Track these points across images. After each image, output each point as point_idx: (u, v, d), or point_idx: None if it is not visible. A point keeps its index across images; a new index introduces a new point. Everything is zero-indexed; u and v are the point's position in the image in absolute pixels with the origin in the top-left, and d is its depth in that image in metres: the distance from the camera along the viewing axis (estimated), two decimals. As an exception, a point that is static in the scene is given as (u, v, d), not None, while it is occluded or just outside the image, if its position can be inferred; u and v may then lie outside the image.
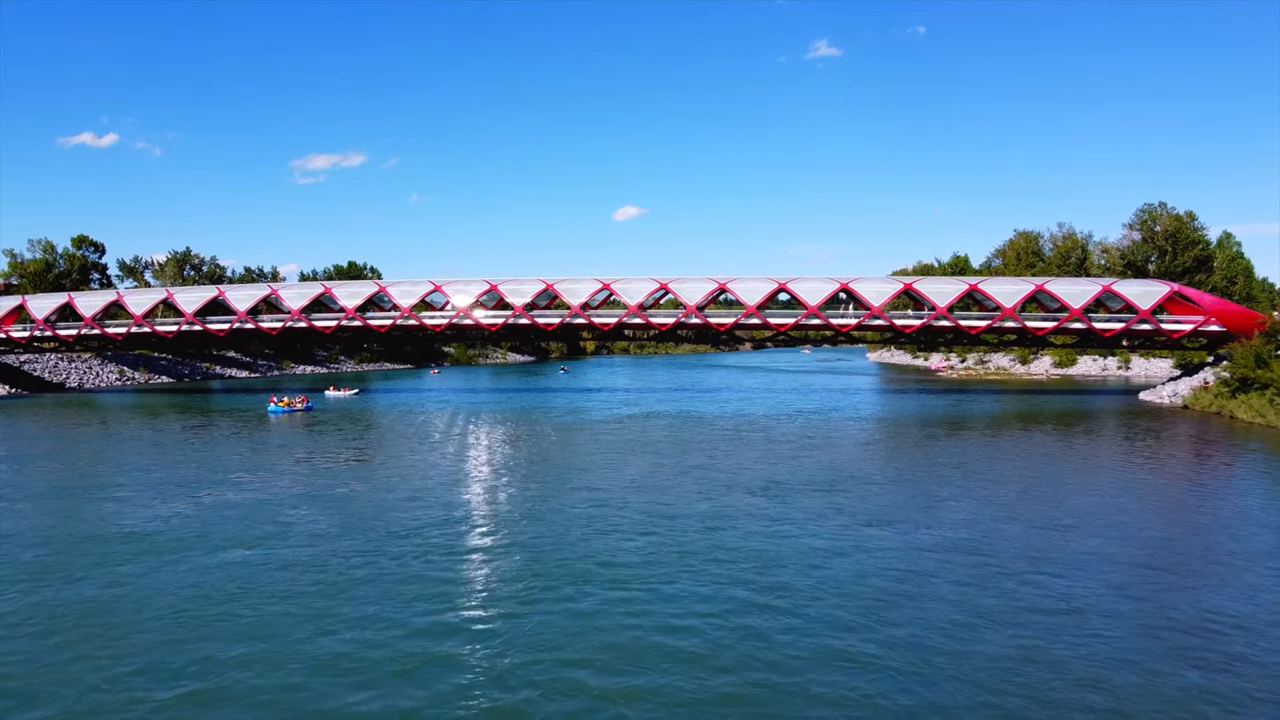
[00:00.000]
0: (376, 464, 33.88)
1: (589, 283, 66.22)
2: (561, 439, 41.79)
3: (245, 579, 18.14)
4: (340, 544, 20.93)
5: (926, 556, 19.57)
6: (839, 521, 22.94)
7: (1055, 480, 30.01)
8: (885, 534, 21.65)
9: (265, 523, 23.26)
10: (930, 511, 24.37)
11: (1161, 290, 60.57)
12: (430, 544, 20.77)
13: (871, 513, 24.07)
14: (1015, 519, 23.48)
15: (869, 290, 63.58)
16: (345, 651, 14.24)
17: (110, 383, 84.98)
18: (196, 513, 24.66)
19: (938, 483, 29.03)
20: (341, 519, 23.71)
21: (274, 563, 19.37)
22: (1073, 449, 38.09)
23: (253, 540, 21.36)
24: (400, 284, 67.94)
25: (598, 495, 26.53)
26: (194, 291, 71.77)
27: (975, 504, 25.57)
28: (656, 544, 20.60)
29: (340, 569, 18.82)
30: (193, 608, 16.41)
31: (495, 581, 17.89)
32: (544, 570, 18.53)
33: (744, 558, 19.41)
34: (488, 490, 28.07)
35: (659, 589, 17.23)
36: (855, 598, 16.69)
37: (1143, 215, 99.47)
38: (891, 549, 20.24)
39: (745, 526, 22.39)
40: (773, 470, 31.26)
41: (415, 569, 18.77)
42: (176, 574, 18.56)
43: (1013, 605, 16.32)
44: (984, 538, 21.29)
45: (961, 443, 40.10)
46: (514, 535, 21.67)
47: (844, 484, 28.45)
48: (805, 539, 21.10)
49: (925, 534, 21.70)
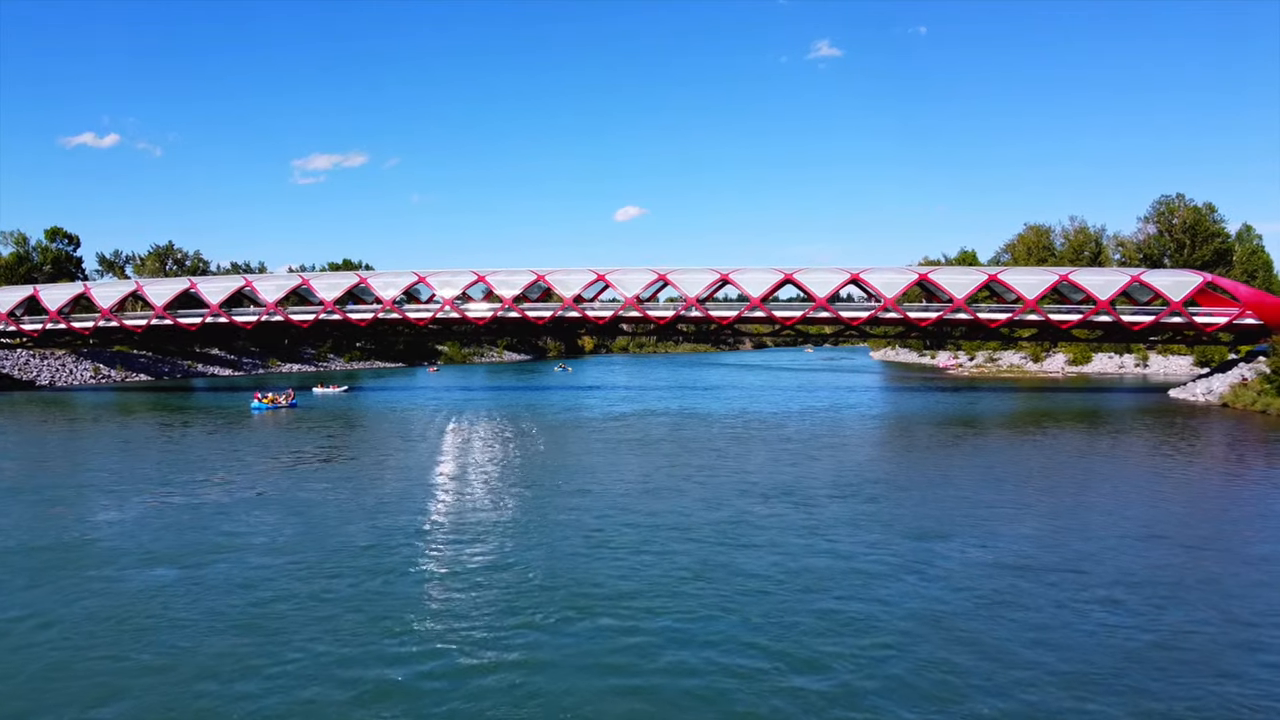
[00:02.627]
0: (355, 464, 30.18)
1: (583, 273, 62.49)
2: (559, 438, 38.12)
3: (162, 603, 14.59)
4: (289, 558, 17.34)
5: (999, 578, 15.90)
6: (877, 534, 19.26)
7: (1111, 485, 26.37)
8: (938, 549, 17.97)
9: (211, 532, 19.66)
10: (983, 522, 20.69)
11: (1194, 281, 56.93)
12: (396, 560, 17.08)
13: (913, 523, 20.39)
14: (1084, 531, 19.82)
15: (881, 281, 59.96)
16: (256, 710, 10.54)
17: (85, 381, 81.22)
18: (138, 519, 21.17)
19: (979, 487, 25.35)
20: (301, 527, 20.13)
21: (204, 582, 15.77)
22: (1117, 449, 34.44)
23: (190, 553, 17.82)
24: (382, 275, 63.94)
25: (597, 502, 22.84)
26: (164, 284, 67.78)
27: (1031, 513, 21.91)
28: (667, 562, 16.92)
29: (280, 589, 15.20)
30: (81, 642, 12.75)
31: (468, 611, 14.18)
32: (530, 597, 14.84)
33: (776, 580, 15.73)
34: (472, 495, 24.31)
35: (676, 623, 13.58)
36: (930, 634, 13.00)
37: (1160, 207, 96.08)
38: (953, 568, 16.56)
39: (770, 540, 18.70)
40: (788, 473, 27.58)
41: (372, 591, 15.08)
42: (81, 595, 14.90)
43: (1138, 642, 12.64)
44: (1056, 554, 17.64)
45: (990, 442, 36.46)
46: (497, 551, 17.96)
47: (870, 488, 24.78)
48: (845, 556, 17.41)
49: (985, 549, 18.02)
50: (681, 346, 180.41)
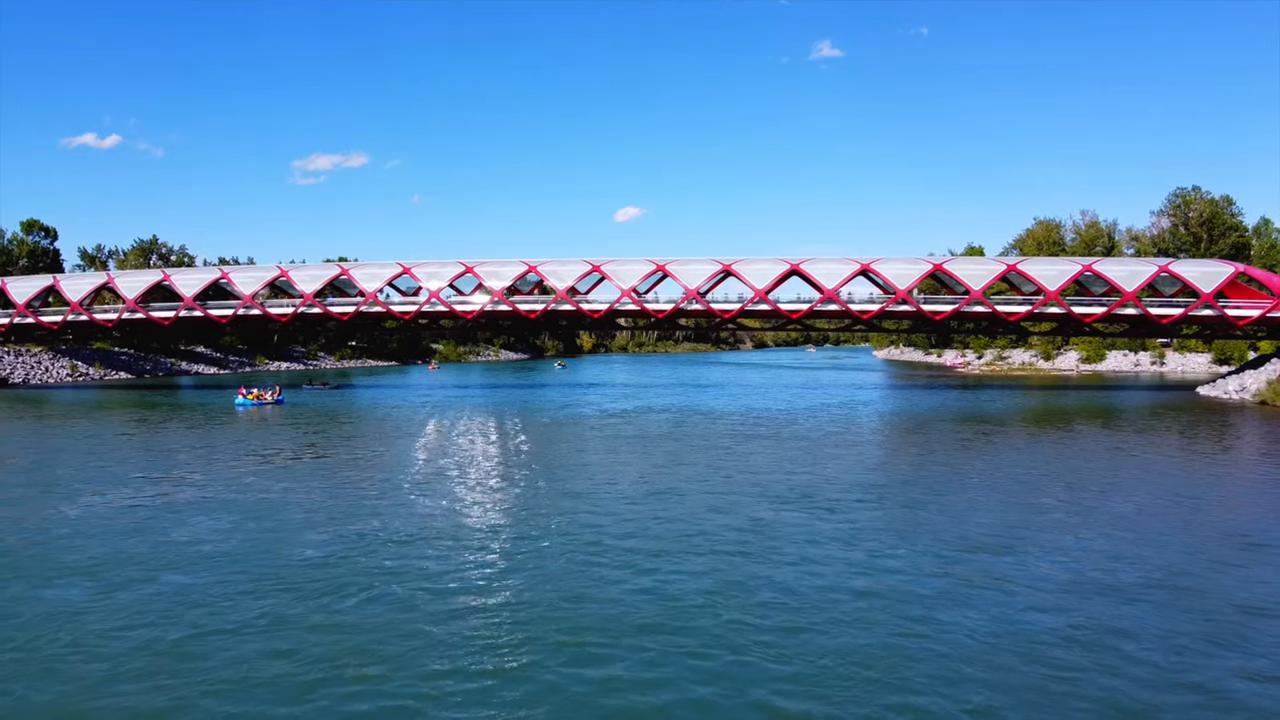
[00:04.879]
0: (332, 463, 27.01)
1: (577, 264, 59.25)
2: (557, 438, 35.00)
3: (60, 623, 11.55)
4: (229, 572, 14.40)
5: (1091, 602, 12.80)
6: (926, 546, 16.14)
7: (1171, 488, 23.25)
8: (1005, 566, 14.84)
9: (144, 540, 16.67)
10: (1044, 532, 17.58)
11: (1224, 271, 53.79)
12: (352, 577, 13.94)
13: (965, 533, 17.27)
14: (1162, 542, 16.75)
15: (893, 272, 56.78)
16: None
17: (61, 379, 77.91)
18: (73, 521, 18.20)
19: (1026, 491, 22.24)
20: (253, 535, 17.14)
21: (113, 606, 12.75)
22: (1161, 448, 31.33)
23: (113, 564, 14.88)
24: (365, 266, 60.49)
25: (595, 508, 19.71)
26: (137, 276, 64.36)
27: (1094, 520, 18.80)
28: (678, 585, 13.80)
29: (210, 611, 12.19)
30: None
31: (432, 651, 11.02)
32: (514, 631, 11.69)
33: (815, 605, 12.63)
34: (454, 501, 21.08)
35: (691, 670, 10.42)
36: (1035, 681, 9.86)
37: (1175, 200, 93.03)
38: (1030, 589, 13.43)
39: (799, 554, 15.57)
40: (806, 474, 24.45)
41: (319, 621, 11.96)
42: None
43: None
44: (1142, 570, 14.54)
45: (1021, 441, 33.36)
46: (477, 569, 14.81)
47: (902, 492, 21.67)
48: (894, 575, 14.29)
49: (1059, 565, 14.92)
50: (681, 346, 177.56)
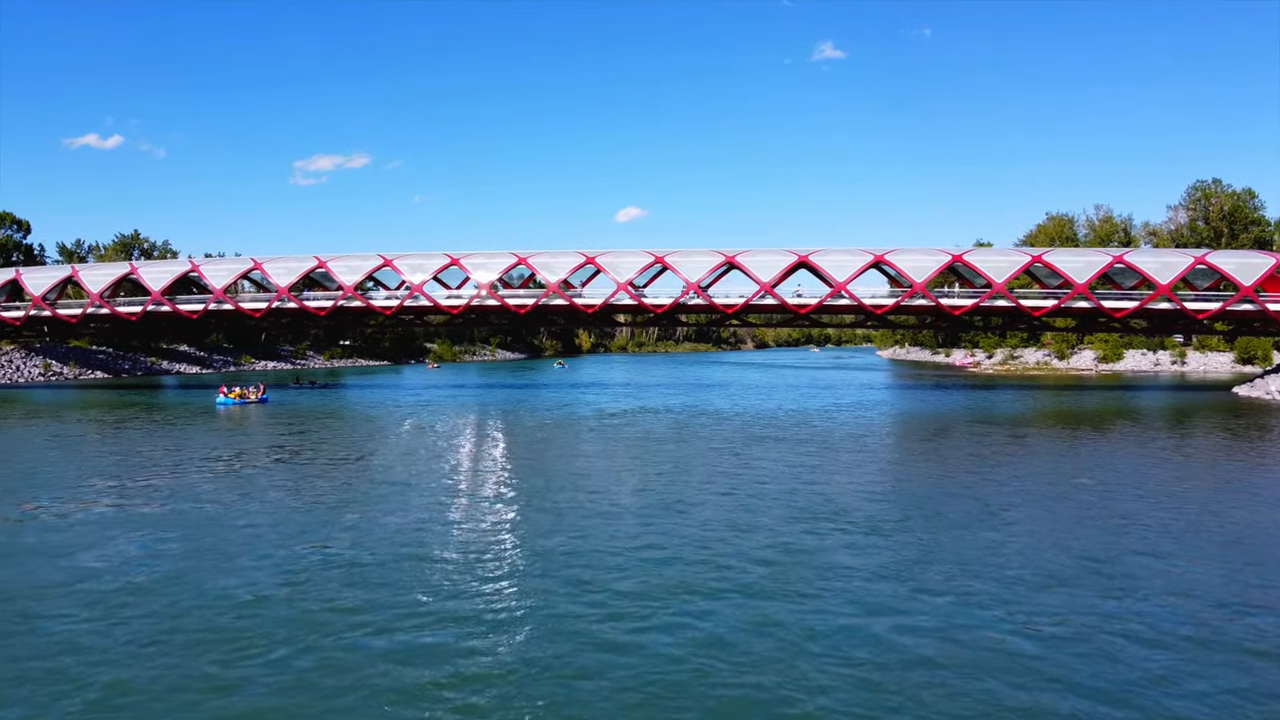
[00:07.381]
0: (306, 469, 23.45)
1: (570, 256, 55.66)
2: (555, 439, 31.50)
3: None
4: (123, 615, 10.94)
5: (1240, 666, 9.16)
6: (998, 580, 12.52)
7: (1261, 506, 19.65)
8: (1115, 609, 11.23)
9: (41, 563, 13.28)
10: (1145, 558, 13.96)
11: (1265, 263, 50.15)
12: (275, 627, 10.32)
13: (1042, 563, 13.66)
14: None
15: (909, 264, 53.17)
16: None
17: (33, 378, 74.42)
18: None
19: (1098, 510, 18.64)
20: (178, 560, 13.77)
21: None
22: (1233, 456, 27.80)
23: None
24: (345, 259, 56.60)
25: (594, 527, 16.09)
26: (103, 269, 60.65)
27: (1199, 544, 15.19)
28: (698, 629, 10.14)
29: (63, 676, 8.49)
30: None
31: (404, 691, 7.45)
32: (495, 688, 8.10)
33: (879, 665, 8.96)
34: (433, 513, 17.28)
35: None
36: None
37: (1194, 194, 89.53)
38: (1154, 645, 9.78)
39: (841, 588, 11.99)
40: (829, 484, 20.85)
41: (247, 669, 8.35)
42: None
43: None
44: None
45: (1063, 446, 29.81)
46: (458, 598, 11.18)
47: (950, 507, 18.08)
48: (968, 620, 10.65)
49: (1185, 610, 11.30)
50: (682, 345, 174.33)
